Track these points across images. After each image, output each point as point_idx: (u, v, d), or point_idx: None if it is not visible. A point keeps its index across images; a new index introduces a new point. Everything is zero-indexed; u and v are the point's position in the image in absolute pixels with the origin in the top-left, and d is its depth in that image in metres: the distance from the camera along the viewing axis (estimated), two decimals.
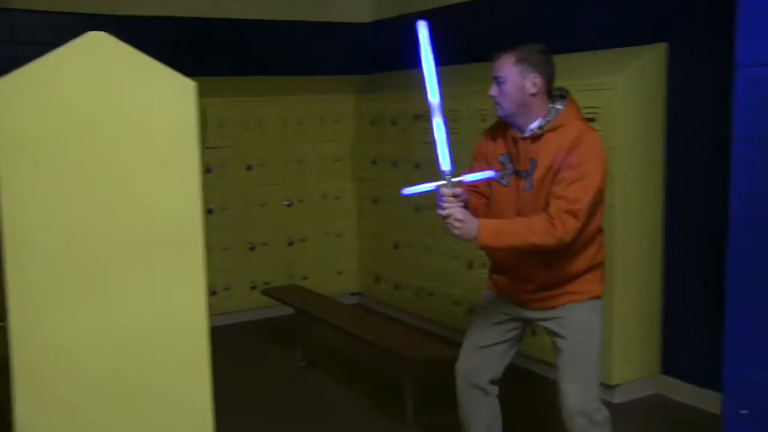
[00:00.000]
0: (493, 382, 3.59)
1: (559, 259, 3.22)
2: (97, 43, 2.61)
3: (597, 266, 3.32)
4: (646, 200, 4.84)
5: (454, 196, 3.13)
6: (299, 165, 6.99)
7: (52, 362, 2.59)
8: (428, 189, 3.20)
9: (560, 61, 5.05)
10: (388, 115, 6.66)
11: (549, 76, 3.23)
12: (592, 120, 4.71)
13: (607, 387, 4.89)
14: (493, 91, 3.28)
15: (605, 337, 4.74)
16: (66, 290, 2.58)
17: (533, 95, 3.19)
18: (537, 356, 5.20)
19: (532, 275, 3.30)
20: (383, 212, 6.89)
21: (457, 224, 3.10)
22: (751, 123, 2.59)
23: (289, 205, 6.97)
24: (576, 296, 3.30)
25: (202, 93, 6.60)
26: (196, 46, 6.96)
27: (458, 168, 3.28)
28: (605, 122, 4.66)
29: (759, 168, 2.58)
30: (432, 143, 3.02)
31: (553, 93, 3.26)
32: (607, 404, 4.79)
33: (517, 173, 3.25)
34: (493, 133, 3.43)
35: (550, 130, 3.16)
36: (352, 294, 7.41)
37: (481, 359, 3.54)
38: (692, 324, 4.79)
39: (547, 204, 3.10)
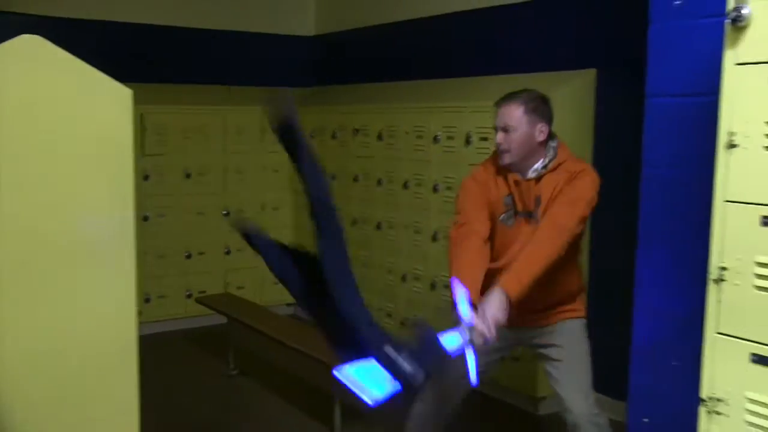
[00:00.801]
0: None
1: (558, 279, 3.30)
2: (30, 46, 2.64)
3: (583, 288, 3.56)
4: None
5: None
6: (238, 175, 7.05)
7: None
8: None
9: (494, 82, 5.25)
10: (328, 128, 6.75)
11: (551, 122, 3.35)
12: None
13: (532, 399, 5.02)
14: (500, 138, 3.29)
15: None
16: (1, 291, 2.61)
17: (540, 143, 3.29)
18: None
19: (537, 298, 3.23)
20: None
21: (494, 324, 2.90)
22: (657, 150, 2.73)
23: (226, 215, 7.01)
24: (571, 313, 3.47)
25: (143, 100, 6.57)
26: (139, 52, 6.95)
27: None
28: None
29: (663, 190, 2.73)
30: (370, 157, 3.11)
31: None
32: (532, 416, 4.95)
33: (526, 214, 3.30)
34: (487, 178, 3.39)
35: (551, 170, 3.27)
36: (288, 305, 7.45)
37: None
38: (608, 338, 4.93)
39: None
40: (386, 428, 3.73)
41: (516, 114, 3.25)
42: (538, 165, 3.28)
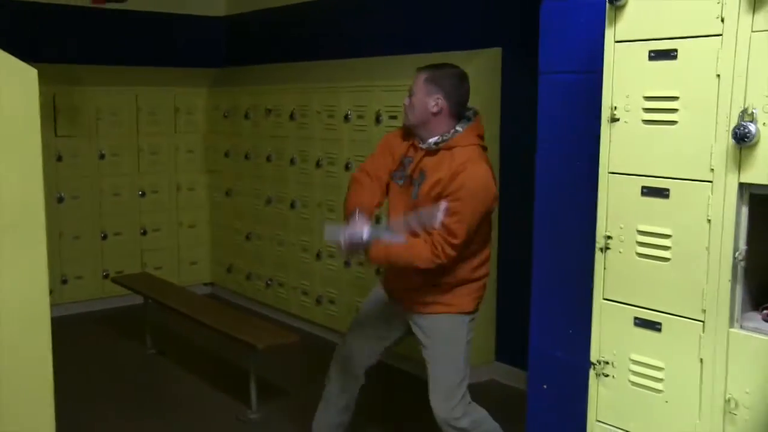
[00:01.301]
0: (367, 370, 3.76)
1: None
2: None
3: (474, 280, 3.41)
4: None
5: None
6: (153, 156, 7.01)
7: None
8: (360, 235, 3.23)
9: (403, 61, 5.34)
10: (240, 108, 6.76)
11: (457, 100, 3.35)
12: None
13: None
14: (405, 100, 3.41)
15: None
16: None
17: (434, 114, 3.31)
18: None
19: (410, 275, 3.38)
20: (235, 204, 6.99)
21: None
22: (551, 126, 2.87)
23: (142, 195, 6.98)
24: (445, 308, 3.42)
25: (55, 81, 6.54)
26: (51, 33, 6.85)
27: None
28: None
29: (556, 164, 2.86)
30: (284, 137, 3.18)
31: (462, 114, 3.38)
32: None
33: (410, 179, 3.38)
34: (404, 135, 3.50)
35: (444, 149, 3.28)
36: (205, 284, 7.47)
37: (363, 347, 3.71)
38: (521, 314, 5.11)
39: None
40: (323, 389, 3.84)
41: (419, 80, 3.36)
42: (433, 139, 3.32)
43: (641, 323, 2.28)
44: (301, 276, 6.27)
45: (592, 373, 2.41)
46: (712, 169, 2.07)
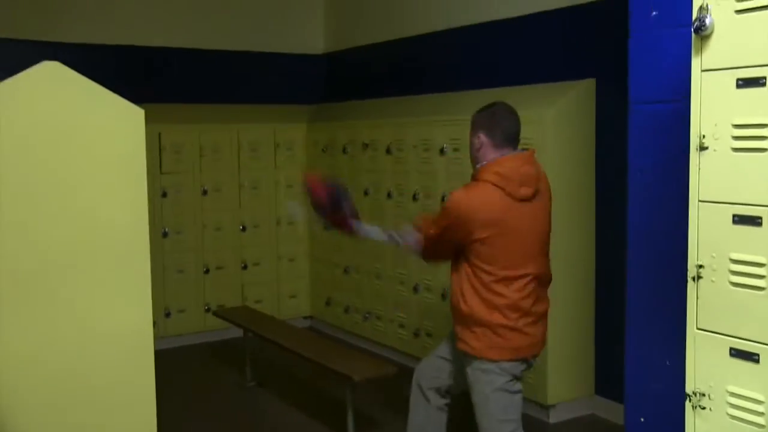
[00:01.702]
0: (439, 392, 3.82)
1: (452, 288, 3.56)
2: (50, 72, 2.82)
3: (490, 326, 3.41)
4: (579, 226, 5.10)
5: None
6: (253, 190, 7.20)
7: (6, 368, 2.75)
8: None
9: (495, 94, 5.36)
10: (338, 143, 6.90)
11: (496, 132, 3.49)
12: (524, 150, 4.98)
13: (542, 407, 5.12)
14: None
15: (540, 357, 4.99)
16: (20, 299, 2.76)
17: (478, 150, 3.52)
18: None
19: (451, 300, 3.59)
20: (334, 238, 7.08)
21: None
22: (642, 155, 2.85)
23: (243, 230, 7.16)
24: (465, 346, 3.51)
25: (160, 120, 6.80)
26: (156, 74, 7.16)
27: None
28: (538, 152, 4.91)
29: (650, 194, 2.84)
30: (380, 171, 3.35)
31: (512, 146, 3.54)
32: (543, 424, 5.04)
33: None
34: None
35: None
36: (305, 318, 7.59)
37: (432, 365, 3.85)
38: (620, 346, 5.03)
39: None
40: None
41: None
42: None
43: (738, 354, 2.24)
44: (398, 309, 6.31)
45: (688, 405, 2.37)
46: None
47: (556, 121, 4.94)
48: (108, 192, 2.95)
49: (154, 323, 3.40)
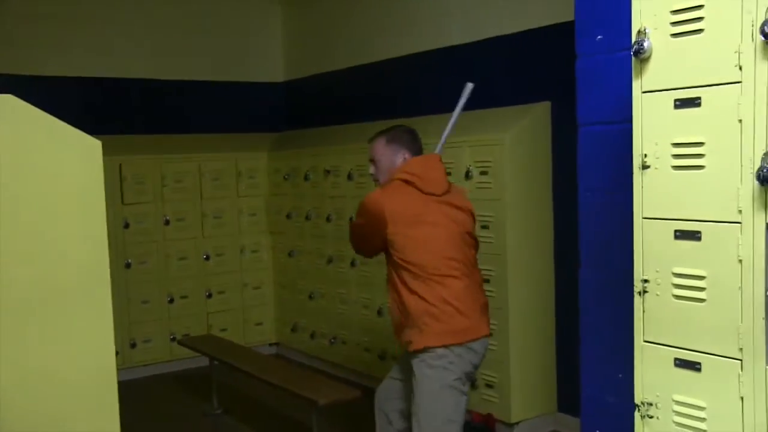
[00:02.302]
0: (402, 414, 3.86)
1: (391, 302, 3.69)
2: (3, 105, 2.82)
3: (418, 317, 3.53)
4: (536, 246, 5.18)
5: None
6: (216, 219, 7.22)
7: None
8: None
9: (460, 118, 5.46)
10: (300, 170, 6.95)
11: (417, 152, 3.79)
12: (484, 173, 5.08)
13: (506, 425, 5.18)
14: (371, 169, 3.88)
15: (503, 376, 5.05)
16: None
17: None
18: None
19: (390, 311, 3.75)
20: (298, 264, 7.14)
21: None
22: (590, 175, 2.94)
23: (206, 259, 7.18)
24: (410, 345, 3.58)
25: (120, 152, 6.80)
26: (115, 106, 7.18)
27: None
28: (496, 174, 5.02)
29: (598, 212, 2.92)
30: (342, 197, 3.38)
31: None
32: None
33: None
34: None
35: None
36: (271, 344, 7.60)
37: (388, 387, 3.95)
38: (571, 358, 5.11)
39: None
40: None
41: (379, 146, 3.82)
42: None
43: (682, 364, 2.31)
44: (363, 333, 6.35)
45: (636, 415, 2.45)
46: (740, 211, 2.12)
47: (513, 144, 5.03)
48: (66, 226, 2.94)
49: (118, 353, 3.41)
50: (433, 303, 3.50)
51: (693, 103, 2.23)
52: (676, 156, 2.28)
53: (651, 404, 2.41)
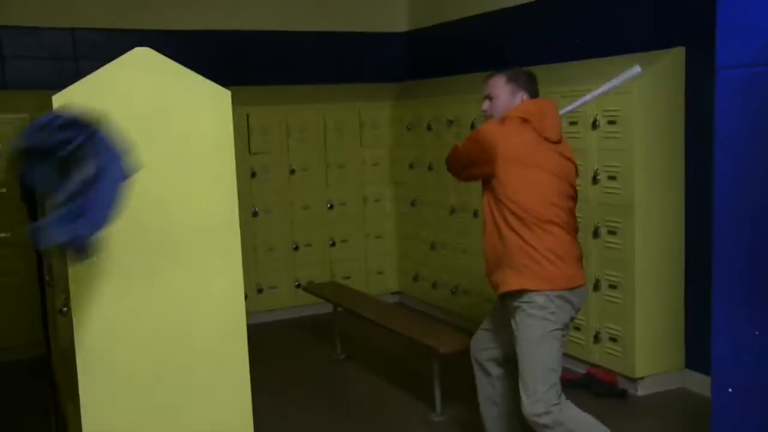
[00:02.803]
0: (497, 362, 3.90)
1: (485, 235, 3.69)
2: (141, 58, 2.93)
3: (516, 258, 3.51)
4: (666, 199, 5.03)
5: None
6: (340, 169, 7.30)
7: (109, 346, 2.89)
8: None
9: (581, 66, 5.32)
10: (423, 120, 6.93)
11: (535, 95, 3.72)
12: (612, 122, 4.95)
13: (630, 380, 5.09)
14: (486, 105, 3.75)
15: (628, 330, 4.96)
16: (119, 278, 2.88)
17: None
18: None
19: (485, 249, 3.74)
20: (420, 214, 7.16)
21: None
22: (730, 125, 2.79)
23: (330, 208, 7.28)
24: (506, 286, 3.56)
25: (248, 102, 6.95)
26: (244, 58, 7.33)
27: None
28: (624, 124, 4.88)
29: (739, 167, 2.78)
30: None
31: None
32: (631, 396, 5.01)
33: None
34: None
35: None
36: (393, 293, 7.68)
37: (480, 338, 3.99)
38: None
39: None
40: None
41: (498, 84, 3.71)
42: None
43: None
44: (484, 283, 6.29)
45: None
46: None
47: (643, 92, 4.87)
48: (199, 173, 3.04)
49: (247, 297, 3.52)
50: (535, 246, 3.47)
51: None
52: None
53: None
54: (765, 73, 2.65)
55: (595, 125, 5.06)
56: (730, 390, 2.95)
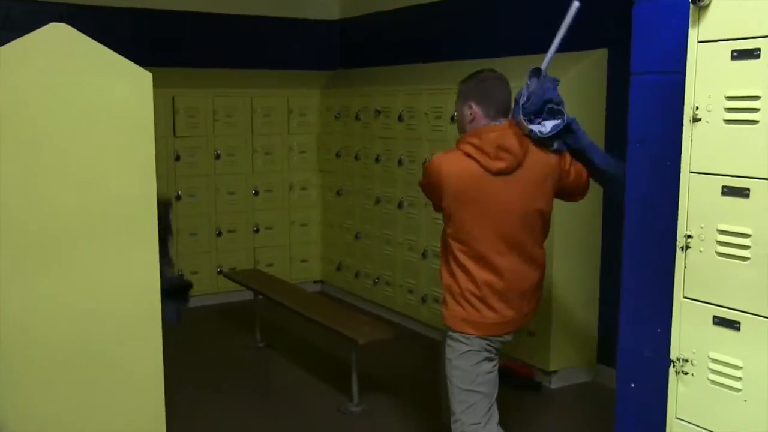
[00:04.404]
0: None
1: None
2: (57, 34, 2.84)
3: (450, 292, 3.43)
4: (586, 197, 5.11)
5: None
6: (267, 156, 7.26)
7: (19, 335, 2.81)
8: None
9: (508, 63, 5.37)
10: (351, 109, 6.93)
11: (489, 103, 3.38)
12: None
13: (545, 373, 5.19)
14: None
15: (544, 325, 5.05)
16: (29, 264, 2.81)
17: (470, 122, 3.41)
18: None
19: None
20: (346, 203, 7.16)
21: None
22: (641, 126, 2.88)
23: (255, 194, 7.23)
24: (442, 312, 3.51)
25: (174, 84, 6.81)
26: (170, 39, 7.19)
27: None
28: None
29: (646, 165, 2.86)
30: (392, 138, 3.27)
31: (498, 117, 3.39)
32: (545, 389, 5.11)
33: None
34: None
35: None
36: (315, 282, 7.67)
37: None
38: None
39: None
40: None
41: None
42: None
43: (720, 322, 2.28)
44: (407, 275, 6.37)
45: (671, 370, 2.42)
46: None
47: (566, 91, 4.90)
48: (116, 155, 2.99)
49: None
50: (461, 284, 3.38)
51: (752, 54, 2.15)
52: (730, 110, 2.21)
53: (687, 361, 2.38)
54: (670, 81, 2.72)
55: None
56: (632, 385, 3.04)
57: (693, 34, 2.30)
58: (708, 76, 2.27)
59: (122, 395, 3.06)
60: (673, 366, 2.42)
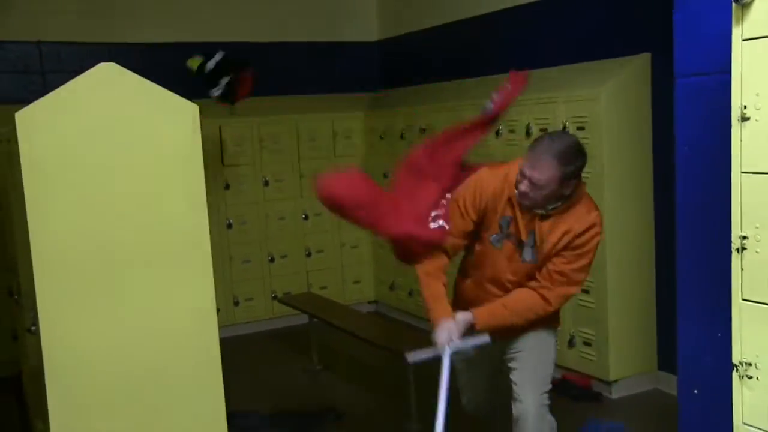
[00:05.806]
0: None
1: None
2: (107, 73, 2.93)
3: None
4: (636, 203, 5.08)
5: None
6: (314, 180, 7.28)
7: (79, 364, 2.89)
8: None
9: (548, 74, 5.36)
10: (396, 130, 6.95)
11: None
12: (581, 129, 4.98)
13: (605, 383, 5.13)
14: (525, 187, 3.11)
15: (601, 334, 5.01)
16: (88, 295, 2.88)
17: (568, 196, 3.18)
18: None
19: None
20: None
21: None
22: (688, 128, 2.85)
23: (305, 218, 7.28)
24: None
25: (219, 114, 6.87)
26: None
27: None
28: (592, 131, 4.92)
29: (696, 168, 2.84)
30: None
31: None
32: (606, 399, 5.05)
33: (516, 240, 3.26)
34: (498, 191, 3.28)
35: (561, 212, 3.18)
36: (369, 302, 7.69)
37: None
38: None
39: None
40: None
41: (548, 171, 3.06)
42: (551, 206, 3.17)
43: None
44: None
45: (735, 375, 2.39)
46: None
47: (610, 99, 4.92)
48: (167, 186, 3.05)
49: (221, 311, 3.52)
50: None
51: None
52: None
53: (750, 364, 2.35)
54: (715, 81, 2.70)
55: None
56: (695, 391, 3.00)
57: (737, 33, 2.28)
58: (754, 73, 2.25)
59: (183, 418, 3.10)
60: (737, 370, 2.38)
